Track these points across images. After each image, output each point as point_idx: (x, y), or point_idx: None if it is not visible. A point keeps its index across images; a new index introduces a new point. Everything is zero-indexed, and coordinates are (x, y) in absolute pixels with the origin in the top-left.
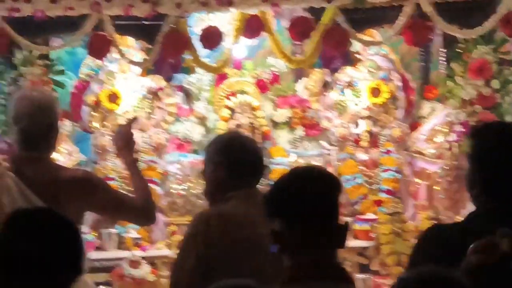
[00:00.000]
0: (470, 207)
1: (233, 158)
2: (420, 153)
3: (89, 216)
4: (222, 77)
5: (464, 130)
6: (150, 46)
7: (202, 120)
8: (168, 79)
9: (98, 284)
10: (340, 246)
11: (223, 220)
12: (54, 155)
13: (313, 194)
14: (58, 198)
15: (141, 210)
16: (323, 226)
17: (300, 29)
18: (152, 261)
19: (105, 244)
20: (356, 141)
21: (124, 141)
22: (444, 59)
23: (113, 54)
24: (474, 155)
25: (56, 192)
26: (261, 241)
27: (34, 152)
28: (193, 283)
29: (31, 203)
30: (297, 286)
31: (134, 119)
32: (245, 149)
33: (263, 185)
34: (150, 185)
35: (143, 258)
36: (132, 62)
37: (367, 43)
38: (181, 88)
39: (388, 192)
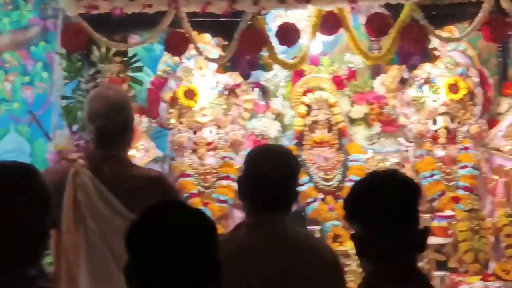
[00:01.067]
0: None
1: (248, 177)
2: (498, 149)
3: None
4: (299, 73)
5: None
6: (227, 43)
7: (278, 117)
8: (245, 76)
9: None
10: (420, 251)
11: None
12: (131, 152)
13: (393, 199)
14: (132, 196)
15: None
16: (403, 231)
17: (377, 25)
18: None
19: None
20: (434, 138)
21: None
22: None
23: (190, 51)
24: None
25: (130, 190)
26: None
27: (109, 150)
28: None
29: (107, 200)
30: None
31: None
32: (262, 168)
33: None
34: (227, 181)
35: None
36: (208, 59)
37: (445, 40)
38: (258, 85)
39: (465, 189)
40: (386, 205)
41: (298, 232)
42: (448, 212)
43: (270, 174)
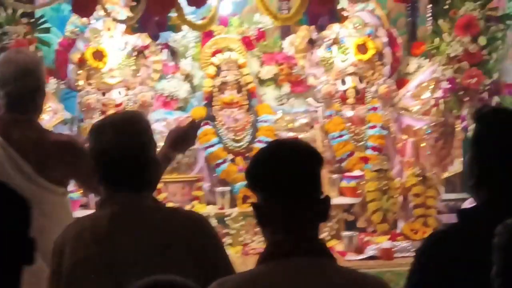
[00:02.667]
0: (456, 164)
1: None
2: (407, 109)
3: None
4: (208, 34)
5: (450, 86)
6: (135, 4)
7: (188, 78)
8: (154, 37)
9: None
10: (322, 221)
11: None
12: None
13: (293, 167)
14: (43, 161)
15: None
16: (304, 200)
17: None
18: None
19: (90, 202)
20: (343, 98)
21: (182, 138)
22: (430, 15)
23: (99, 12)
24: (476, 142)
25: (41, 156)
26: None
27: (20, 115)
28: None
29: (18, 166)
30: (278, 262)
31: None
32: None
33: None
34: None
35: None
36: (116, 20)
37: (353, 0)
38: (166, 46)
39: (374, 149)
40: (287, 175)
41: (165, 207)
42: (357, 172)
43: (113, 149)
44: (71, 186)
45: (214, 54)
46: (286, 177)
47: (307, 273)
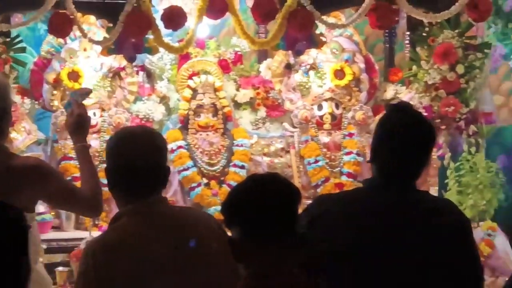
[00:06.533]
0: (432, 192)
1: (117, 162)
2: None
3: None
4: (185, 56)
5: (427, 114)
6: (111, 25)
7: (163, 100)
8: (130, 59)
9: (56, 264)
10: (297, 257)
11: (109, 251)
12: (13, 134)
13: (272, 204)
14: (10, 186)
15: (88, 202)
16: (281, 236)
17: (264, 10)
18: None
19: (63, 224)
20: (319, 123)
21: (77, 124)
22: (408, 42)
23: (75, 32)
24: (377, 128)
25: (7, 180)
26: (164, 256)
27: None
28: None
29: None
30: None
31: (88, 92)
32: (131, 150)
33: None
34: None
35: None
36: (93, 41)
37: (331, 26)
38: (143, 68)
39: (349, 175)
40: (264, 210)
41: (178, 208)
42: None
43: (137, 160)
44: (43, 207)
45: (190, 76)
46: (264, 214)
47: None
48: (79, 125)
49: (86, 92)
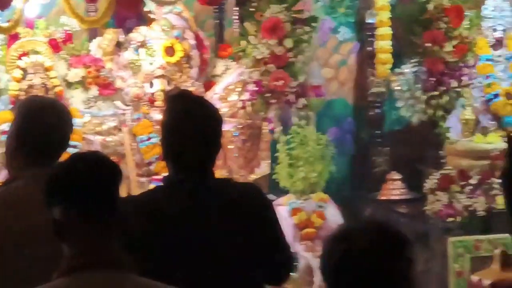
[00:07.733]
0: (263, 166)
1: (24, 127)
2: None
3: None
4: (14, 36)
5: (257, 88)
6: None
7: None
8: None
9: None
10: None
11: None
12: None
13: (92, 182)
14: None
15: None
16: (101, 213)
17: None
18: None
19: None
20: (151, 101)
21: None
22: (237, 17)
23: None
24: (164, 123)
25: None
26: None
27: None
28: None
29: None
30: (74, 276)
31: None
32: (39, 118)
33: None
34: None
35: None
36: None
37: (160, 3)
38: None
39: None
40: (85, 188)
41: None
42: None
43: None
44: None
45: (20, 57)
46: (83, 191)
47: (103, 287)
48: None
49: None
